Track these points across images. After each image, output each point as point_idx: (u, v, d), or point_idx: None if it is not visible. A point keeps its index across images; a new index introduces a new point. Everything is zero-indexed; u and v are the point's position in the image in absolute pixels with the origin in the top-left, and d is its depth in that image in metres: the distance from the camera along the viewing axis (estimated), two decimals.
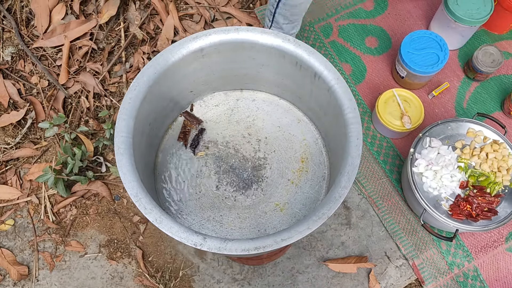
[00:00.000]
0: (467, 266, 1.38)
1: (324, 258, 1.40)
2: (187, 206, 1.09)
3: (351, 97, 0.95)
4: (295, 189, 1.10)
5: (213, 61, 1.05)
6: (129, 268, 1.40)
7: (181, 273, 1.39)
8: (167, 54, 0.98)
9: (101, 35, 1.62)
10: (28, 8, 1.61)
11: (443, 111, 1.54)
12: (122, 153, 0.89)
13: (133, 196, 0.86)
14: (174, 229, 0.84)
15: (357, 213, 1.45)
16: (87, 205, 1.46)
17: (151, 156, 1.11)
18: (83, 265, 1.40)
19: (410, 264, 1.39)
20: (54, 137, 1.52)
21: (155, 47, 1.64)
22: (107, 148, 1.52)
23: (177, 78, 1.04)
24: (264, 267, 1.39)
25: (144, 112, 0.97)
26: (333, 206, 0.86)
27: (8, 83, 1.55)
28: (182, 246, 1.42)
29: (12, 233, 1.44)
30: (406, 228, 1.42)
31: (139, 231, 1.44)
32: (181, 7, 1.71)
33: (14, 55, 1.59)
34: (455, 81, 1.58)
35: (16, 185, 1.48)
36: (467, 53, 1.61)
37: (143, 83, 0.96)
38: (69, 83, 1.57)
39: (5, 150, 1.51)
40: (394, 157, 1.50)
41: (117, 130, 0.91)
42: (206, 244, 0.83)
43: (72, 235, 1.43)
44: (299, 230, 0.84)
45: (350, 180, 0.88)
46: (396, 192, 1.46)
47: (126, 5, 1.66)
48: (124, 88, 1.60)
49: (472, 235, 1.41)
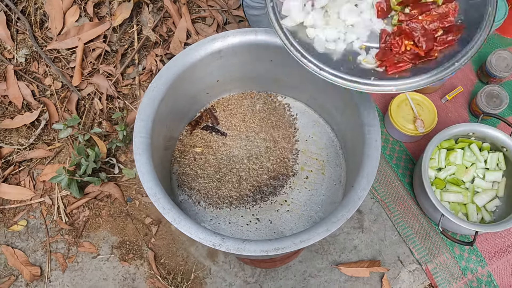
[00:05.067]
0: (480, 271, 1.37)
1: (337, 262, 1.39)
2: (202, 207, 1.09)
3: (368, 98, 0.95)
4: (311, 191, 1.09)
5: (230, 62, 1.06)
6: (141, 270, 1.40)
7: (192, 275, 1.39)
8: (185, 55, 0.99)
9: (115, 38, 1.63)
10: (42, 10, 1.62)
11: (456, 115, 1.54)
12: (140, 153, 0.89)
13: (151, 196, 0.87)
14: (193, 230, 0.84)
15: (369, 217, 1.44)
16: (100, 206, 1.47)
17: (167, 156, 1.11)
18: (95, 266, 1.40)
19: (423, 269, 1.38)
20: (68, 139, 1.53)
21: (168, 50, 1.64)
22: (119, 150, 1.53)
23: (194, 80, 1.05)
24: (276, 270, 1.38)
25: (161, 113, 0.98)
26: (352, 208, 0.86)
27: (22, 85, 1.55)
28: (194, 248, 1.41)
29: (25, 233, 1.44)
30: (419, 232, 1.41)
31: (151, 233, 1.44)
32: (194, 10, 1.71)
33: (28, 56, 1.60)
34: (468, 86, 1.58)
35: (29, 186, 1.48)
36: (481, 58, 1.61)
37: (162, 84, 0.96)
38: (83, 85, 1.58)
39: (19, 151, 1.51)
40: (406, 161, 1.50)
41: (136, 131, 0.91)
42: (224, 245, 0.83)
43: (85, 236, 1.44)
44: (318, 231, 0.84)
45: (369, 182, 0.88)
46: (409, 196, 1.46)
47: (139, 8, 1.67)
48: (136, 90, 1.60)
49: (486, 240, 1.40)
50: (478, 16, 0.78)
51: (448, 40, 0.79)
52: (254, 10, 1.36)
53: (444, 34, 0.80)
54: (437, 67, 0.78)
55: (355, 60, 0.83)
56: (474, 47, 0.77)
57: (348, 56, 0.83)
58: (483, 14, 0.78)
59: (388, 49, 0.81)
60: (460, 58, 0.78)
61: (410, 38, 0.79)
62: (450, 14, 0.80)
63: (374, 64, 0.82)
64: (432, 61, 0.79)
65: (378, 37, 0.83)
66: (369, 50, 0.84)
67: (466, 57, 0.78)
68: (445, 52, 0.79)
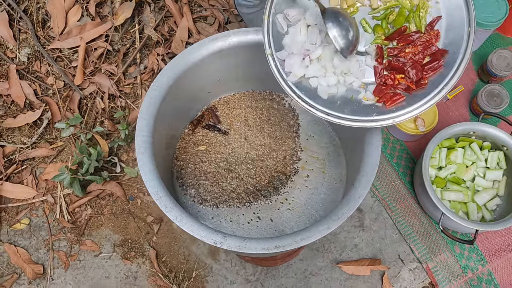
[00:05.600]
0: (481, 269, 1.38)
1: (337, 260, 1.40)
2: (204, 205, 1.09)
3: None
4: (312, 190, 1.10)
5: (231, 62, 1.06)
6: (143, 268, 1.40)
7: (194, 273, 1.40)
8: (187, 55, 1.00)
9: (116, 37, 1.63)
10: (44, 9, 1.63)
11: (457, 114, 1.54)
12: (143, 152, 0.90)
13: (153, 194, 0.87)
14: (195, 227, 0.85)
15: (370, 215, 1.45)
16: (102, 205, 1.47)
17: (169, 155, 1.12)
18: (97, 264, 1.41)
19: (423, 267, 1.38)
20: (70, 138, 1.54)
21: (169, 49, 1.65)
22: (121, 149, 1.54)
23: (195, 79, 1.05)
24: (277, 269, 1.39)
25: (163, 112, 0.98)
26: (352, 206, 0.86)
27: (24, 84, 1.56)
28: (196, 246, 1.42)
29: (27, 232, 1.45)
30: (420, 231, 1.41)
31: (152, 231, 1.45)
32: (195, 9, 1.72)
33: (31, 56, 1.61)
34: (469, 85, 1.58)
35: (31, 185, 1.49)
36: (481, 57, 1.61)
37: (164, 83, 0.97)
38: (85, 84, 1.59)
39: (21, 149, 1.52)
40: (407, 159, 1.50)
41: (138, 130, 0.92)
42: (226, 243, 0.84)
43: (87, 235, 1.44)
44: (319, 229, 0.85)
45: (369, 180, 0.89)
46: (409, 195, 1.46)
47: (141, 7, 1.67)
48: (138, 89, 1.61)
49: (486, 238, 1.41)
50: (459, 37, 0.84)
51: (435, 67, 0.84)
52: (246, 8, 1.36)
53: (430, 61, 0.85)
54: (429, 93, 0.84)
55: (357, 99, 0.88)
56: (460, 70, 0.83)
57: (351, 96, 0.89)
58: (463, 35, 0.83)
59: (383, 84, 0.86)
60: (448, 82, 0.83)
61: (401, 72, 0.84)
62: (433, 40, 0.85)
63: (373, 100, 0.88)
64: (424, 86, 0.85)
65: (373, 73, 0.89)
66: (367, 87, 0.90)
67: (454, 79, 0.83)
68: (434, 77, 0.85)
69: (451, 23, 0.86)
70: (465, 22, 0.84)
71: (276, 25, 0.92)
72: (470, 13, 0.84)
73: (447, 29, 0.86)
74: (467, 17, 0.84)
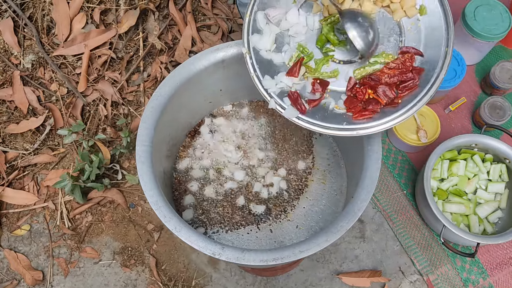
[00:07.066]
0: (482, 283, 1.37)
1: (338, 271, 1.39)
2: (203, 216, 1.09)
3: None
4: (312, 201, 1.10)
5: (234, 72, 1.07)
6: (142, 276, 1.40)
7: (194, 282, 1.39)
8: (189, 65, 1.00)
9: (120, 45, 1.64)
10: (49, 16, 1.64)
11: (459, 126, 1.54)
12: (143, 161, 0.90)
13: (153, 204, 0.87)
14: (193, 238, 0.85)
15: (371, 226, 1.44)
16: (103, 212, 1.48)
17: (169, 164, 1.12)
18: (97, 271, 1.41)
19: (424, 280, 1.37)
20: (72, 144, 1.54)
21: (173, 57, 1.65)
22: (123, 156, 1.54)
23: (197, 89, 1.05)
24: (277, 279, 1.39)
25: (164, 121, 0.99)
26: (351, 219, 0.86)
27: (28, 90, 1.57)
28: (195, 255, 1.42)
29: (27, 238, 1.45)
30: (421, 243, 1.41)
31: (153, 239, 1.44)
32: (199, 18, 1.73)
33: (35, 62, 1.62)
34: (472, 96, 1.58)
35: (33, 191, 1.49)
36: (484, 69, 1.61)
37: (165, 93, 0.97)
38: (88, 91, 1.60)
39: (24, 155, 1.53)
40: (409, 171, 1.50)
41: (139, 139, 0.92)
42: (224, 254, 0.84)
43: (87, 242, 1.44)
44: (317, 242, 0.84)
45: (369, 193, 0.88)
46: (411, 207, 1.45)
47: (145, 15, 1.68)
48: (141, 97, 1.62)
49: (488, 251, 1.40)
50: (436, 56, 0.86)
51: (411, 86, 0.86)
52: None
53: (405, 80, 0.86)
54: (399, 109, 0.85)
55: (329, 107, 0.90)
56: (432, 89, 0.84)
57: (323, 103, 0.90)
58: (440, 54, 0.86)
59: (354, 96, 0.88)
60: (420, 100, 0.85)
61: (373, 89, 0.86)
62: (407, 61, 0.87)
63: (344, 109, 0.89)
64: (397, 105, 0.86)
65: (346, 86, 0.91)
66: (341, 96, 0.91)
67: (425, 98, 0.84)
68: (409, 93, 0.87)
69: (430, 42, 0.88)
70: (443, 42, 0.87)
71: (257, 22, 0.95)
72: (449, 34, 0.87)
73: (425, 46, 0.89)
74: (446, 37, 0.87)
